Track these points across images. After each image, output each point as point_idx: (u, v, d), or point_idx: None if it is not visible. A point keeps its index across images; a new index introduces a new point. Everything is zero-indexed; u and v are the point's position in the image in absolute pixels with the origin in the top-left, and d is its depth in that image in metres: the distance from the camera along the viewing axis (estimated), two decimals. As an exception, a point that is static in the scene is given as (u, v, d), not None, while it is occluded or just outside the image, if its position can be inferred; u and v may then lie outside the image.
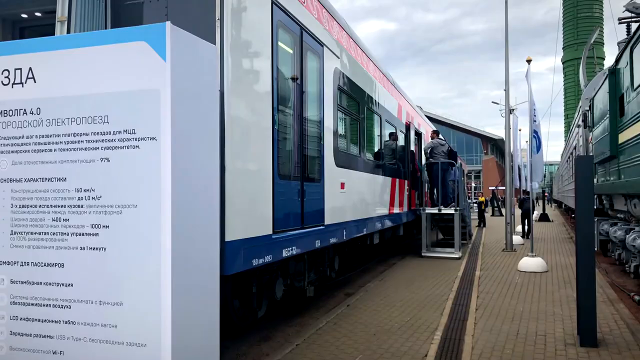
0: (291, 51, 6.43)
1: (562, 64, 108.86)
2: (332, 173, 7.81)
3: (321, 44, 7.39)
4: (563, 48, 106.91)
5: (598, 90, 11.58)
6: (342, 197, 8.24)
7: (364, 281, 11.25)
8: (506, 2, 16.03)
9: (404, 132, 14.29)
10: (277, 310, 8.18)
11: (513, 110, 19.41)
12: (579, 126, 16.34)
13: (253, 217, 5.27)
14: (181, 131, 3.42)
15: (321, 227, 7.24)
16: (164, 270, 3.27)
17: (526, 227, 20.96)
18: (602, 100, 10.90)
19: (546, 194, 54.15)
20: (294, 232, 6.23)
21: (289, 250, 6.05)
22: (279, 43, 5.96)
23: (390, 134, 12.63)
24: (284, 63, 6.18)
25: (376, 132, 11.17)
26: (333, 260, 9.37)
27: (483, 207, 28.63)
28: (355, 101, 9.39)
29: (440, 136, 15.55)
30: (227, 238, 4.65)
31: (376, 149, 11.20)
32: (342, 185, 8.25)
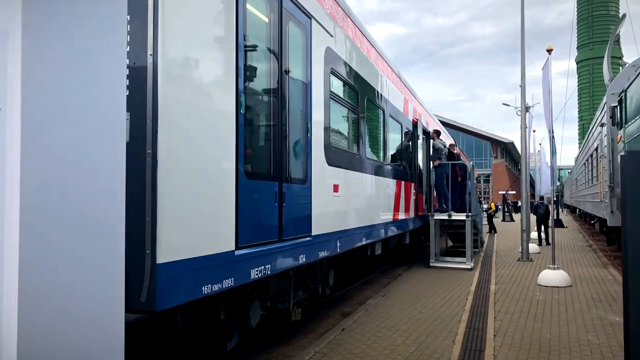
0: (266, 19, 5.15)
1: (576, 64, 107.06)
2: (323, 173, 6.53)
3: (309, 15, 6.11)
4: (577, 47, 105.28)
5: (633, 82, 10.21)
6: (335, 201, 6.95)
7: (365, 297, 9.95)
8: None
9: (411, 130, 12.97)
10: (257, 336, 6.91)
11: (529, 108, 18.06)
12: (602, 125, 14.96)
13: (205, 228, 4.00)
14: (44, 97, 2.16)
15: (307, 239, 5.95)
16: (7, 323, 2.00)
17: (542, 234, 19.69)
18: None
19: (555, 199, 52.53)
20: (269, 246, 4.94)
21: (261, 271, 4.76)
22: (247, 5, 4.70)
23: (395, 131, 11.34)
24: (254, 32, 4.90)
25: (378, 127, 9.86)
26: (327, 275, 8.08)
27: (492, 212, 27.56)
28: (354, 90, 8.10)
29: (441, 137, 14.24)
30: (160, 259, 3.39)
31: (378, 147, 9.88)
32: (336, 188, 6.96)
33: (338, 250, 7.01)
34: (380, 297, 9.42)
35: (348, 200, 7.50)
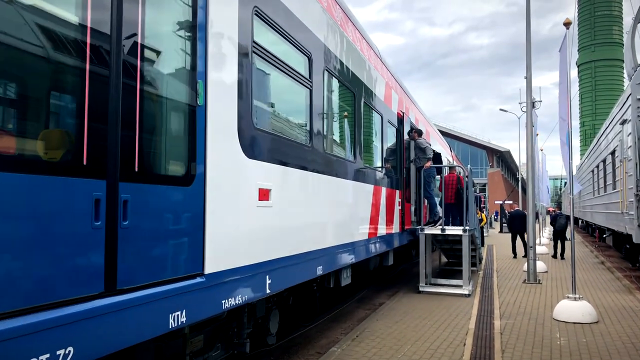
0: None
1: (577, 67, 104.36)
2: (236, 169, 4.07)
3: None
4: (578, 50, 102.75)
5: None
6: (263, 215, 4.47)
7: (329, 341, 7.50)
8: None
9: (395, 125, 10.55)
10: None
11: (535, 103, 15.72)
12: (623, 122, 12.63)
13: None
14: None
15: (194, 281, 3.46)
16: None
17: (559, 247, 17.73)
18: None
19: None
20: (69, 309, 2.44)
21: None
22: None
23: (374, 124, 8.92)
24: None
25: (346, 114, 7.40)
26: (266, 321, 5.61)
27: (483, 224, 25.20)
28: (303, 54, 5.63)
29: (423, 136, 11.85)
30: None
31: (345, 140, 7.40)
32: (265, 194, 4.50)
33: (268, 291, 4.52)
34: (350, 341, 6.97)
35: (289, 214, 5.01)
